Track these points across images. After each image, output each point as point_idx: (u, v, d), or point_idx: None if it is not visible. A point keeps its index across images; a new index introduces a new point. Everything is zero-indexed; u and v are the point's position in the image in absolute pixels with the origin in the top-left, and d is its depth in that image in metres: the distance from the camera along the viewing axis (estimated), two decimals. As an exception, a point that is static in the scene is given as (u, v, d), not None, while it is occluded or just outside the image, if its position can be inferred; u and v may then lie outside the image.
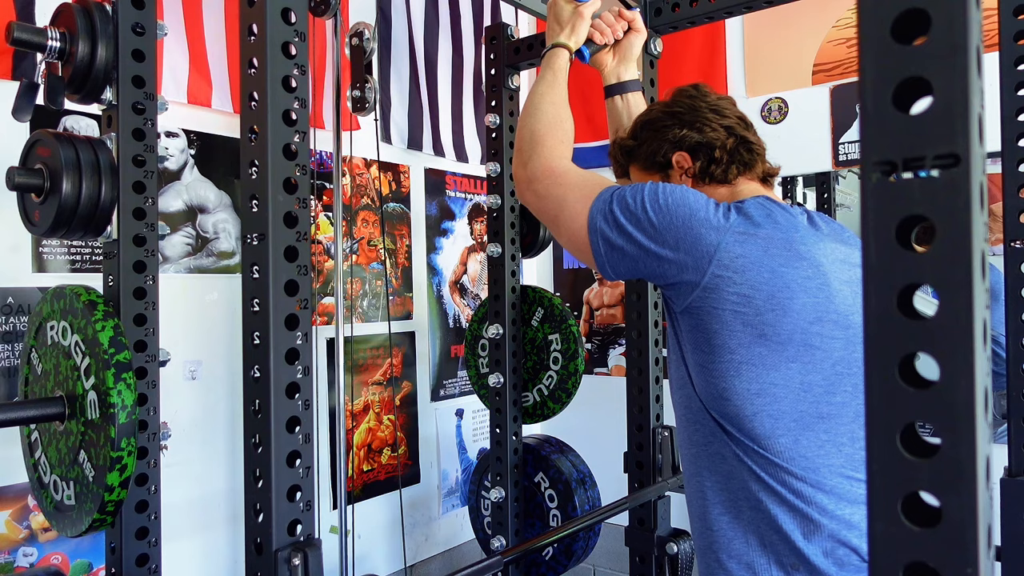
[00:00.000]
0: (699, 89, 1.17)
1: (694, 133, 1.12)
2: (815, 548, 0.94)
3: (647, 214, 0.99)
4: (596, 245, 1.03)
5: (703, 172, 1.13)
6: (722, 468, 1.02)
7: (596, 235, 1.02)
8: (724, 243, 0.95)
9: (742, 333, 0.94)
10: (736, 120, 1.14)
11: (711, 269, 0.95)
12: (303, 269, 0.95)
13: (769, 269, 0.94)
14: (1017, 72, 1.41)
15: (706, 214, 0.98)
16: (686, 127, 1.13)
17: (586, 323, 3.24)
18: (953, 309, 0.33)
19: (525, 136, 1.20)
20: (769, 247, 0.95)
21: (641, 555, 1.84)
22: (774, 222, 0.99)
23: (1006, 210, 1.43)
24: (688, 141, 1.13)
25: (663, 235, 0.97)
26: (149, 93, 1.27)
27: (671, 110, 1.15)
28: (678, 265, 0.97)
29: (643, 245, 0.99)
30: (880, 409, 0.35)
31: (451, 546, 2.88)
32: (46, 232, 1.18)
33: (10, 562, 1.71)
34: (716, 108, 1.14)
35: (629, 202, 1.01)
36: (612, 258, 1.02)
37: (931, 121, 0.33)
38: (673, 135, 1.13)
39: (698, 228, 0.96)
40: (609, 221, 1.01)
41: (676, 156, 1.14)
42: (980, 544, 0.33)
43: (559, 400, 2.11)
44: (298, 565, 0.91)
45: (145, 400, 1.27)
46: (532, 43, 2.02)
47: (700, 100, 1.15)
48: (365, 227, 2.60)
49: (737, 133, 1.13)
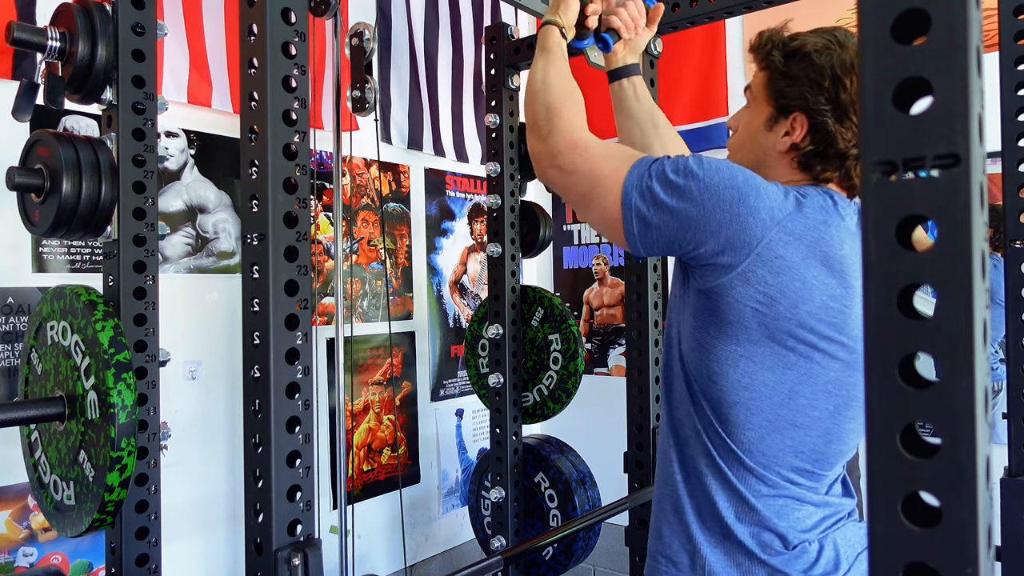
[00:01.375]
0: None
1: (831, 118, 0.98)
2: (743, 529, 0.97)
3: (691, 192, 0.91)
4: (629, 222, 0.95)
5: (805, 159, 1.01)
6: (681, 432, 1.03)
7: (630, 212, 0.95)
8: (768, 240, 0.90)
9: (754, 331, 0.93)
10: None
11: (747, 262, 0.91)
12: (303, 269, 0.95)
13: (801, 279, 0.91)
14: (1017, 72, 1.41)
15: (756, 201, 0.91)
16: (832, 104, 0.98)
17: (586, 323, 3.24)
18: (953, 309, 0.33)
19: (539, 111, 1.11)
20: (808, 256, 0.92)
21: (641, 555, 1.84)
22: (825, 228, 0.94)
23: (1006, 210, 1.43)
24: (820, 119, 0.99)
25: (707, 216, 0.91)
26: (149, 93, 1.27)
27: (839, 76, 0.99)
28: (715, 248, 0.92)
29: (683, 223, 0.92)
30: (880, 409, 0.35)
31: (451, 546, 2.88)
32: (46, 232, 1.18)
33: (10, 562, 1.71)
34: None
35: (671, 177, 0.93)
36: (645, 236, 0.95)
37: (931, 121, 0.33)
38: (815, 101, 0.99)
39: (745, 216, 0.90)
40: (646, 197, 0.94)
41: (797, 117, 1.01)
42: (980, 544, 0.33)
43: (559, 400, 2.11)
44: (298, 565, 0.91)
45: (145, 400, 1.27)
46: (532, 43, 2.02)
47: None
48: (365, 227, 2.60)
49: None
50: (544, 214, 2.15)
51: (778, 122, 1.04)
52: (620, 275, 3.15)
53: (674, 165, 0.94)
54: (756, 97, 1.10)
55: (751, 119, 1.10)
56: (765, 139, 1.06)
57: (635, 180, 0.95)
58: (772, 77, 1.06)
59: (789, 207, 0.93)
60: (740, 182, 0.92)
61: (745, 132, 1.11)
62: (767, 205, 0.91)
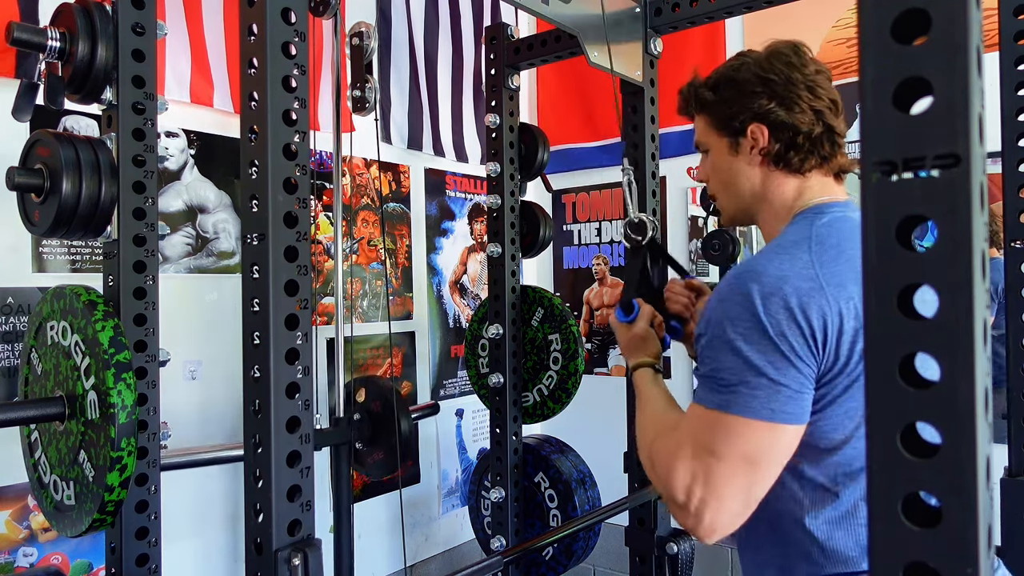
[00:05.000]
0: (800, 55, 1.04)
1: (782, 110, 1.01)
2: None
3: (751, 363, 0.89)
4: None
5: (779, 157, 1.03)
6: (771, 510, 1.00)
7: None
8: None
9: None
10: (829, 103, 1.03)
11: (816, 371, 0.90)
12: (303, 269, 0.95)
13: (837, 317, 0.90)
14: (1017, 72, 1.41)
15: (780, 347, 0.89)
16: (775, 100, 1.01)
17: (586, 323, 3.24)
18: (953, 309, 0.33)
19: (644, 462, 1.06)
20: (828, 286, 0.91)
21: (641, 555, 1.84)
22: (838, 252, 0.94)
23: (1006, 210, 1.43)
24: (773, 117, 1.02)
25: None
26: (149, 93, 1.27)
27: (764, 75, 1.03)
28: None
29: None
30: (880, 409, 0.35)
31: (451, 546, 2.88)
32: (46, 232, 1.18)
33: (10, 562, 1.71)
34: (812, 85, 1.02)
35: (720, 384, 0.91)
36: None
37: (931, 121, 0.33)
38: (759, 105, 1.02)
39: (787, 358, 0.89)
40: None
41: (754, 127, 1.04)
42: (980, 544, 0.33)
43: (559, 400, 2.11)
44: (298, 565, 0.91)
45: (145, 400, 1.27)
46: (532, 43, 2.02)
47: (798, 71, 1.02)
48: (365, 227, 2.60)
49: (826, 120, 1.02)
50: (544, 214, 2.15)
51: (740, 143, 1.07)
52: (620, 275, 3.15)
53: (705, 398, 0.94)
54: (708, 139, 1.13)
55: (716, 159, 1.13)
56: (738, 165, 1.09)
57: (694, 442, 0.94)
58: (711, 112, 1.10)
59: (812, 263, 0.92)
60: (754, 356, 0.91)
61: (719, 175, 1.13)
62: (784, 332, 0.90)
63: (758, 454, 0.89)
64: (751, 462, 0.89)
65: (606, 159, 3.13)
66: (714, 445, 0.91)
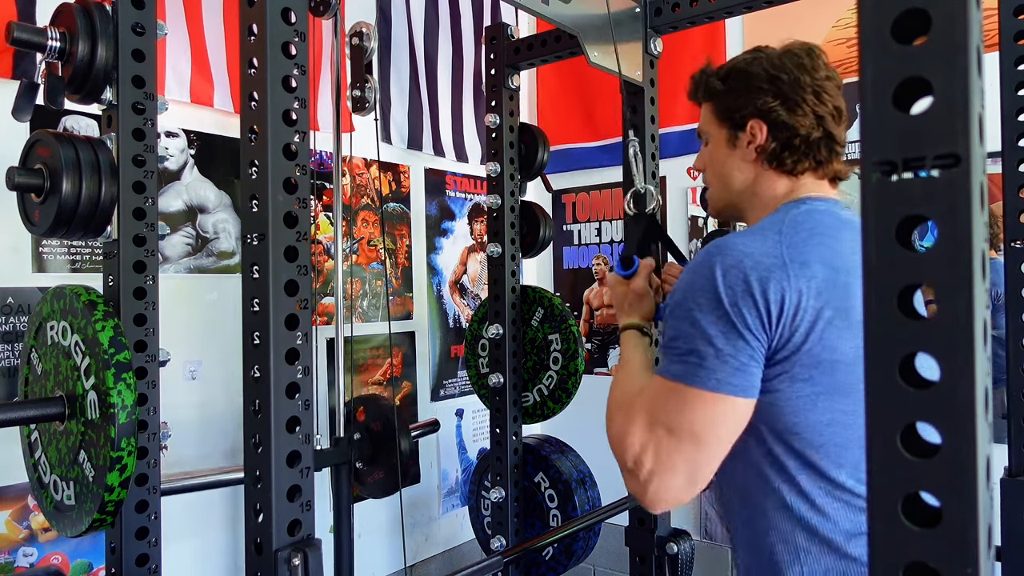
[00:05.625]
0: (813, 59, 1.05)
1: (784, 111, 1.03)
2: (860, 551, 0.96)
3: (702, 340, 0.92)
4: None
5: (773, 156, 1.05)
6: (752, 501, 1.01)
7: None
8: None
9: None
10: (832, 111, 1.04)
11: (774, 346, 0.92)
12: (303, 269, 0.95)
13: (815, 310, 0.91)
14: (1017, 72, 1.41)
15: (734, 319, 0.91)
16: (780, 99, 1.03)
17: (586, 323, 3.24)
18: (953, 309, 0.33)
19: (608, 434, 1.09)
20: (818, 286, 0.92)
21: (641, 555, 1.84)
22: (809, 235, 0.95)
23: (1006, 210, 1.43)
24: (774, 116, 1.04)
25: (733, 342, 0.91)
26: (149, 93, 1.27)
27: (774, 73, 1.04)
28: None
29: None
30: (880, 409, 0.35)
31: (451, 546, 2.88)
32: (46, 232, 1.18)
33: (10, 562, 1.71)
34: (819, 90, 1.03)
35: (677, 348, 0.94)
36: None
37: (931, 121, 0.33)
38: (763, 102, 1.04)
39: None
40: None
41: (753, 123, 1.05)
42: (980, 544, 0.33)
43: (559, 400, 2.11)
44: (298, 565, 0.91)
45: (145, 400, 1.27)
46: (532, 43, 2.02)
47: (808, 74, 1.04)
48: (365, 227, 2.60)
49: (827, 126, 1.04)
50: (544, 214, 2.15)
51: (738, 136, 1.09)
52: (620, 275, 3.15)
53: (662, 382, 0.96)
54: (709, 128, 1.14)
55: (714, 149, 1.14)
56: (734, 158, 1.10)
57: (653, 406, 0.96)
58: (717, 101, 1.12)
59: (781, 254, 0.93)
60: (710, 328, 0.93)
61: (714, 166, 1.15)
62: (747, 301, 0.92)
63: (703, 427, 0.91)
64: (695, 435, 0.91)
65: (606, 159, 3.13)
66: (665, 416, 0.93)
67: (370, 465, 1.84)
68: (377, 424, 1.82)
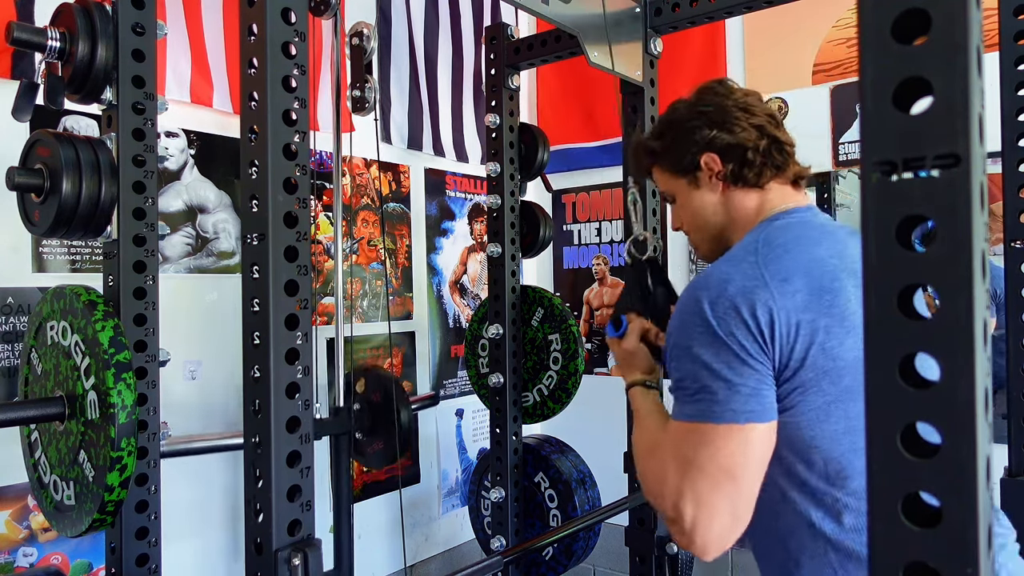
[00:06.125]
0: (725, 85, 1.12)
1: (724, 134, 1.07)
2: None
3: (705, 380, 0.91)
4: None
5: (735, 176, 1.08)
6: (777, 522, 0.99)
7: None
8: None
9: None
10: (766, 119, 1.08)
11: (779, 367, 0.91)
12: (303, 269, 0.95)
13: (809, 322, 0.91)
14: (1017, 72, 1.41)
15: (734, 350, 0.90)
16: (715, 127, 1.07)
17: (586, 323, 3.24)
18: (953, 309, 0.33)
19: (645, 492, 1.06)
20: (808, 300, 0.92)
21: (641, 555, 1.84)
22: (784, 250, 0.96)
23: (1006, 210, 1.43)
24: (719, 142, 1.07)
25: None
26: (149, 93, 1.27)
27: (698, 109, 1.10)
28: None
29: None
30: (880, 409, 0.35)
31: (451, 546, 2.88)
32: (46, 232, 1.18)
33: (10, 562, 1.71)
34: (745, 106, 1.08)
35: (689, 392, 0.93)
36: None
37: (931, 121, 0.33)
38: (702, 136, 1.08)
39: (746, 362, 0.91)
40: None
41: (705, 158, 1.09)
42: (980, 544, 0.33)
43: (559, 400, 2.11)
44: (298, 565, 0.91)
45: (145, 400, 1.27)
46: (532, 43, 2.02)
47: (727, 98, 1.09)
48: (365, 227, 2.60)
49: (768, 133, 1.07)
50: (544, 214, 2.15)
51: (697, 177, 1.12)
52: (620, 275, 3.15)
53: (679, 413, 0.96)
54: (669, 185, 1.17)
55: (682, 200, 1.17)
56: (703, 198, 1.13)
57: (680, 453, 0.95)
58: (663, 159, 1.16)
59: (762, 277, 0.93)
60: (709, 359, 0.93)
61: (689, 215, 1.17)
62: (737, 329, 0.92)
63: (732, 460, 0.90)
64: (727, 471, 0.90)
65: (606, 159, 3.13)
66: (693, 458, 0.91)
67: (370, 436, 1.84)
68: (377, 395, 1.82)
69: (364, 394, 1.84)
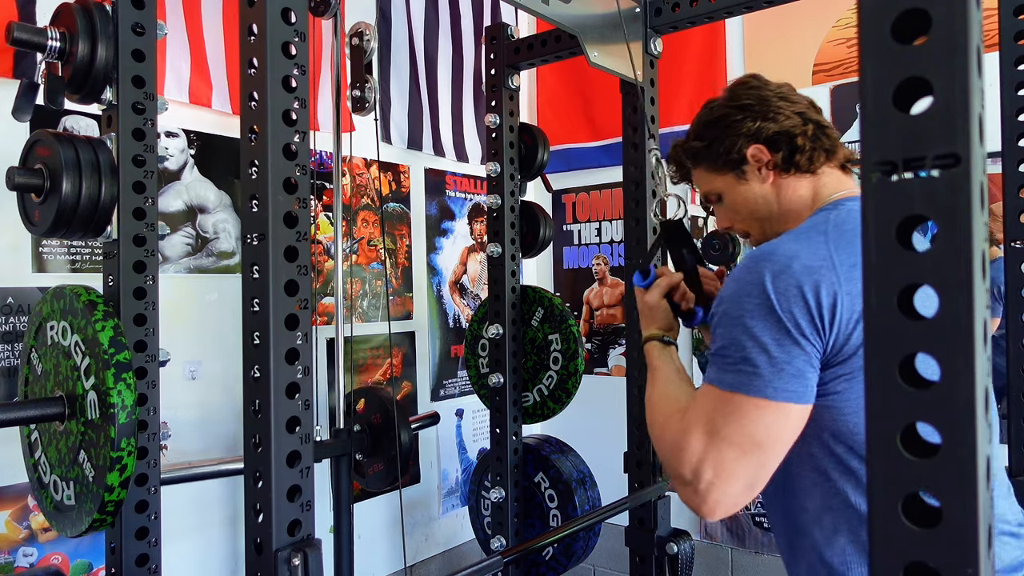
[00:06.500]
0: (759, 79, 1.11)
1: (770, 123, 1.06)
2: None
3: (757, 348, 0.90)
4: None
5: (787, 162, 1.06)
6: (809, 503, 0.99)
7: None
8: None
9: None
10: (807, 106, 1.08)
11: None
12: (303, 269, 0.95)
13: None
14: (1017, 72, 1.41)
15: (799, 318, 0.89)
16: (759, 118, 1.06)
17: (586, 323, 3.24)
18: (953, 309, 0.33)
19: (651, 433, 1.07)
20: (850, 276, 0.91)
21: (641, 555, 1.84)
22: (854, 236, 0.94)
23: (1006, 210, 1.43)
24: (765, 132, 1.06)
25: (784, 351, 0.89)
26: (149, 93, 1.27)
27: (738, 103, 1.09)
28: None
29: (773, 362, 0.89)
30: (880, 409, 0.35)
31: (451, 546, 2.88)
32: (46, 232, 1.18)
33: (10, 562, 1.70)
34: (783, 95, 1.07)
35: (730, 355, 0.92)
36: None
37: (931, 121, 0.33)
38: (747, 128, 1.07)
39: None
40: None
41: (752, 149, 1.07)
42: (980, 544, 0.33)
43: (559, 400, 2.11)
44: (298, 565, 0.91)
45: (145, 400, 1.27)
46: (532, 43, 2.02)
47: (765, 89, 1.08)
48: (365, 227, 2.60)
49: (811, 118, 1.06)
50: (544, 214, 2.15)
51: (744, 171, 1.10)
52: (620, 275, 3.15)
53: (716, 373, 0.94)
54: (714, 184, 1.15)
55: (730, 198, 1.14)
56: (752, 191, 1.11)
57: (706, 411, 0.94)
58: (705, 159, 1.13)
59: (829, 248, 0.92)
60: (761, 331, 0.91)
61: (740, 210, 1.14)
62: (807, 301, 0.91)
63: (764, 435, 0.89)
64: (757, 443, 0.90)
65: (606, 159, 3.13)
66: (722, 426, 0.91)
67: (370, 457, 1.84)
68: (377, 416, 1.82)
69: (364, 415, 1.84)
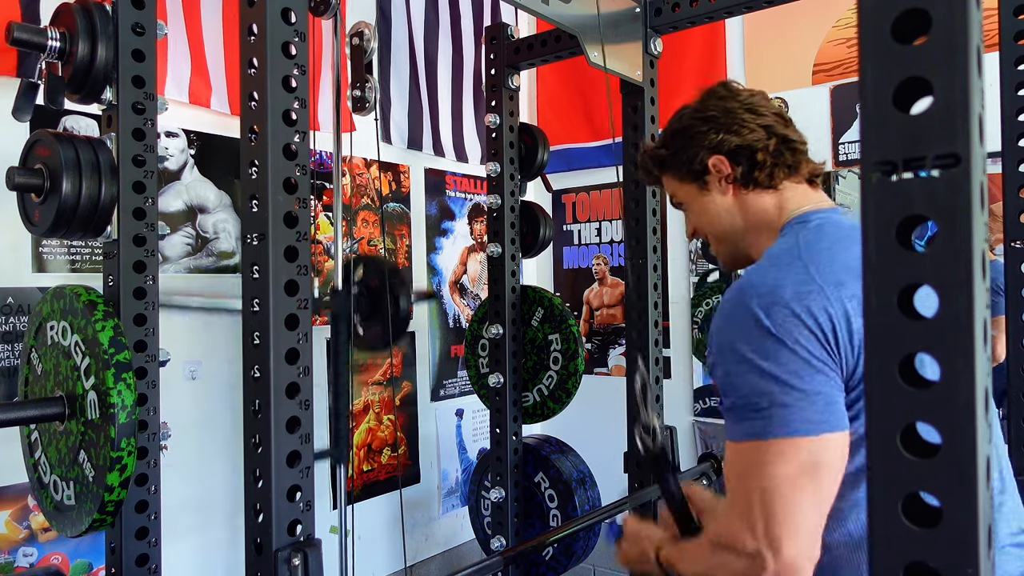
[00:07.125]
0: (729, 88, 1.11)
1: (732, 136, 1.06)
2: None
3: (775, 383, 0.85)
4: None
5: (746, 178, 1.06)
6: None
7: None
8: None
9: None
10: (774, 118, 1.07)
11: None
12: (303, 269, 0.95)
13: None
14: (1017, 72, 1.41)
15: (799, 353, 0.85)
16: (722, 131, 1.06)
17: (586, 323, 3.24)
18: (953, 309, 0.33)
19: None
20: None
21: (641, 555, 1.84)
22: (831, 254, 0.92)
23: (1006, 210, 1.43)
24: (727, 145, 1.06)
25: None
26: (149, 93, 1.27)
27: (704, 114, 1.09)
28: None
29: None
30: (880, 409, 0.35)
31: (451, 546, 2.88)
32: (46, 232, 1.18)
33: (10, 562, 1.70)
34: (751, 107, 1.07)
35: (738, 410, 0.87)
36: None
37: (931, 121, 0.33)
38: (709, 140, 1.07)
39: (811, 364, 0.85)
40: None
41: (713, 160, 1.07)
42: (980, 544, 0.33)
43: (559, 400, 2.11)
44: (298, 565, 0.91)
45: (145, 400, 1.27)
46: (532, 43, 2.02)
47: (732, 100, 1.08)
48: (365, 227, 2.60)
49: (777, 132, 1.06)
50: (544, 214, 2.15)
51: (706, 181, 1.10)
52: (620, 275, 3.15)
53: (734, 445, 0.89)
54: (679, 192, 1.16)
55: (694, 207, 1.15)
56: (714, 202, 1.11)
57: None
58: (671, 166, 1.14)
59: (810, 279, 0.89)
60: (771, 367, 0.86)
61: (703, 220, 1.15)
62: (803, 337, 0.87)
63: (812, 469, 0.83)
64: (811, 476, 0.83)
65: (606, 159, 3.13)
66: (763, 479, 0.84)
67: (368, 320, 1.83)
68: (375, 280, 1.81)
69: (363, 280, 1.83)
